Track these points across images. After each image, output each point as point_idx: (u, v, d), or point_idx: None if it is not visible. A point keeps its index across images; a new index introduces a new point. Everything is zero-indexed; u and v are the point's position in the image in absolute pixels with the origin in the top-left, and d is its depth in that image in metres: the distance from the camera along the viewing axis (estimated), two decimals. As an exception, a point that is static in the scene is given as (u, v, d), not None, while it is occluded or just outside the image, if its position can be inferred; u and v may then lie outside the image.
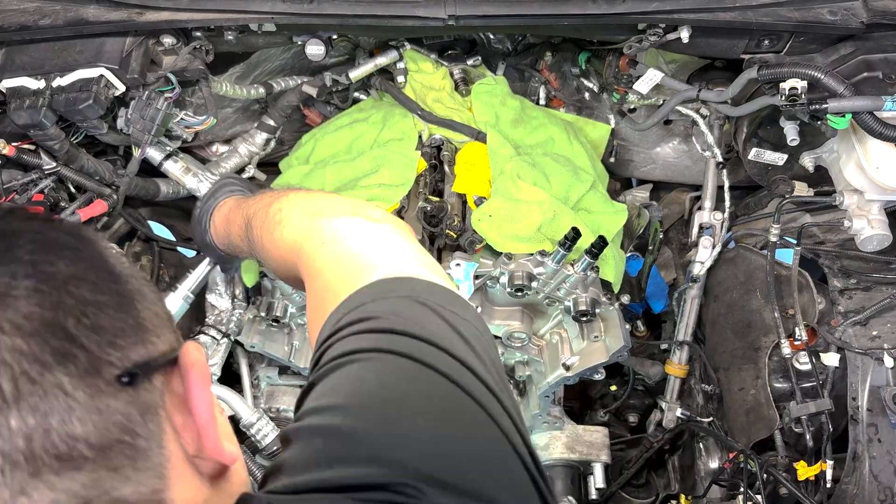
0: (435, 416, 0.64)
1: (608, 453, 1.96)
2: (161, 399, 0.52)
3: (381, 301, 0.76)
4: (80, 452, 0.44)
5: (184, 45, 1.63)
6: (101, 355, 0.47)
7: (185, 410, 0.54)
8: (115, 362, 0.48)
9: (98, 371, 0.47)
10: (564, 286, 1.60)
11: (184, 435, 0.54)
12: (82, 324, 0.47)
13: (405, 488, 0.56)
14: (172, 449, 0.52)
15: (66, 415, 0.44)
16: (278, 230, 1.03)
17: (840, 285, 1.74)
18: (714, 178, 1.99)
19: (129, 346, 0.50)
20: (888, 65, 1.53)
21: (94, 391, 0.46)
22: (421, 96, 1.91)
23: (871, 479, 1.56)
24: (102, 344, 0.48)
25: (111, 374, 0.47)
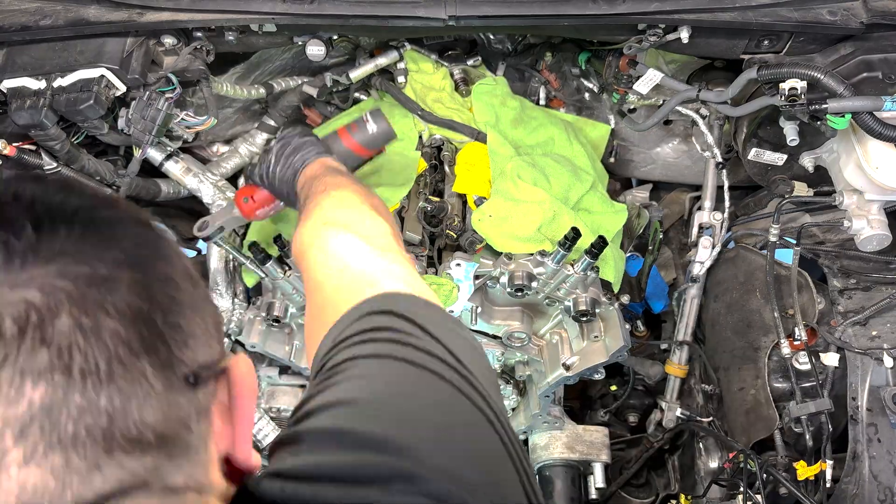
0: (439, 415, 0.67)
1: (608, 453, 1.96)
2: (210, 403, 0.55)
3: (379, 315, 0.78)
4: (148, 439, 0.48)
5: (184, 46, 1.63)
6: (177, 353, 0.50)
7: (226, 418, 0.57)
8: (186, 361, 0.51)
9: (172, 367, 0.50)
10: (564, 286, 1.60)
11: (220, 439, 0.57)
12: (167, 321, 0.50)
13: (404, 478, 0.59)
14: (213, 450, 0.55)
15: (144, 401, 0.47)
16: (303, 224, 1.09)
17: (840, 285, 1.75)
18: (714, 178, 1.99)
19: (197, 348, 0.53)
20: (888, 65, 1.53)
21: (167, 385, 0.49)
22: (421, 96, 1.91)
23: (870, 478, 1.56)
24: (179, 343, 0.51)
25: (182, 371, 0.51)
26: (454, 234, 1.69)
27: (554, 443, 1.94)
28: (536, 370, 1.76)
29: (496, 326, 1.67)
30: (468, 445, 0.65)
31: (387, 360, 0.71)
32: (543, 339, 1.75)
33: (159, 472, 0.49)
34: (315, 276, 0.96)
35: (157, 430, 0.48)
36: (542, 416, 1.84)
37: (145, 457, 0.48)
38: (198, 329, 0.53)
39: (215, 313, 0.58)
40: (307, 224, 1.07)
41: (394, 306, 0.79)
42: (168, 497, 0.50)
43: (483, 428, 0.67)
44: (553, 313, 1.69)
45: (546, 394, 1.77)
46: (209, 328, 0.55)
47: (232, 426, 0.57)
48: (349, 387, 0.69)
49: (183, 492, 0.51)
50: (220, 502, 0.56)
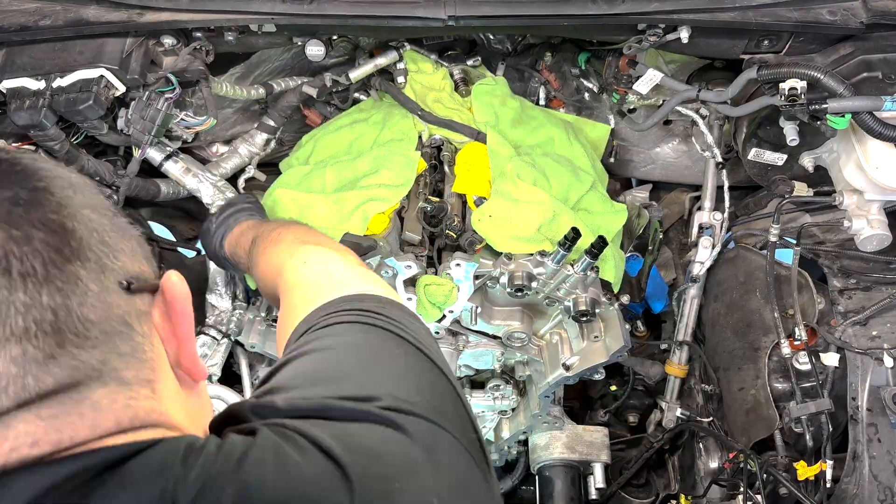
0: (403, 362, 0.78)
1: (608, 453, 1.96)
2: (150, 311, 0.63)
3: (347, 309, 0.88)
4: (94, 334, 0.55)
5: (184, 46, 1.63)
6: (106, 262, 0.58)
7: (169, 328, 0.64)
8: (117, 270, 0.59)
9: (104, 272, 0.57)
10: (564, 286, 1.60)
11: (167, 347, 0.64)
12: (93, 236, 0.57)
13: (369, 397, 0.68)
14: (159, 351, 0.63)
15: (82, 299, 0.54)
16: (271, 249, 1.21)
17: (840, 285, 1.75)
18: (714, 178, 1.99)
19: (127, 262, 0.60)
20: (888, 65, 1.53)
21: (101, 287, 0.56)
22: (421, 97, 1.91)
23: (870, 478, 1.56)
24: (108, 254, 0.58)
25: (114, 278, 0.58)
26: (454, 235, 1.69)
27: (554, 443, 1.93)
28: (536, 370, 1.76)
29: (496, 326, 1.67)
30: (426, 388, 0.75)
31: (354, 325, 0.83)
32: (543, 339, 1.75)
33: (109, 364, 0.56)
34: (291, 280, 1.07)
35: (101, 327, 0.55)
36: (541, 416, 1.84)
37: (95, 350, 0.55)
38: (124, 247, 0.61)
39: (141, 240, 0.65)
40: (280, 245, 1.19)
41: (364, 303, 0.89)
42: (121, 388, 0.57)
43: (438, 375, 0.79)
44: (553, 313, 1.69)
45: (546, 394, 1.77)
46: (136, 249, 0.63)
47: (174, 335, 0.65)
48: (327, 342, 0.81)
49: (134, 384, 0.58)
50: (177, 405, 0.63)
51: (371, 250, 1.58)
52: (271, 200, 1.70)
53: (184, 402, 0.65)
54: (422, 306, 1.60)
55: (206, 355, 1.80)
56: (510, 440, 1.97)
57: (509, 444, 1.99)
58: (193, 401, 0.68)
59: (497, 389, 1.84)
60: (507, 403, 1.87)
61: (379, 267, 1.58)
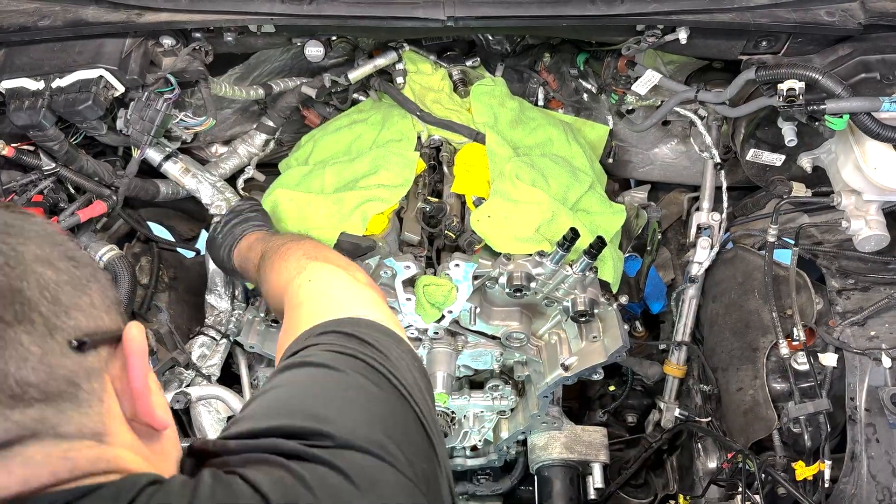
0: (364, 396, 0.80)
1: (607, 453, 1.96)
2: (105, 366, 0.62)
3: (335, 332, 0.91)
4: (31, 395, 0.54)
5: (183, 47, 1.63)
6: (56, 322, 0.57)
7: (126, 379, 0.64)
8: (67, 329, 0.58)
9: (52, 334, 0.56)
10: (563, 287, 1.60)
11: (122, 399, 0.64)
12: (43, 296, 0.57)
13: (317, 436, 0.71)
14: (111, 406, 0.62)
15: (21, 363, 0.54)
16: (280, 263, 1.22)
17: (838, 286, 1.75)
18: (712, 178, 1.99)
19: (82, 318, 0.60)
20: (886, 66, 1.53)
21: (46, 350, 0.56)
22: (420, 97, 1.91)
23: (868, 478, 1.56)
24: (59, 314, 0.57)
25: (63, 338, 0.57)
26: (453, 235, 1.69)
27: (552, 443, 1.94)
28: (535, 370, 1.76)
29: (495, 327, 1.67)
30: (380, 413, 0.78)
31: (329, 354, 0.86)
32: (542, 339, 1.75)
33: (47, 422, 0.55)
34: (294, 298, 1.09)
35: (41, 388, 0.55)
36: (540, 416, 1.84)
37: (30, 409, 0.54)
38: (81, 303, 0.60)
39: (105, 291, 0.64)
40: (288, 261, 1.21)
41: (355, 328, 0.92)
42: (60, 442, 0.56)
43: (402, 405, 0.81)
44: (552, 314, 1.69)
45: (545, 394, 1.77)
46: (96, 301, 0.62)
47: (129, 388, 0.64)
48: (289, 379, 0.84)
49: (75, 438, 0.57)
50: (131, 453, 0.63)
51: (370, 251, 1.58)
52: (270, 201, 1.70)
53: (143, 455, 0.65)
54: (421, 307, 1.61)
55: (206, 355, 1.81)
56: (509, 440, 1.97)
57: (508, 444, 1.99)
58: (155, 448, 0.68)
59: (496, 390, 1.84)
60: (506, 403, 1.87)
61: (378, 267, 1.59)
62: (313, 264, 1.16)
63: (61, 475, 0.56)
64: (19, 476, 0.54)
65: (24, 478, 0.54)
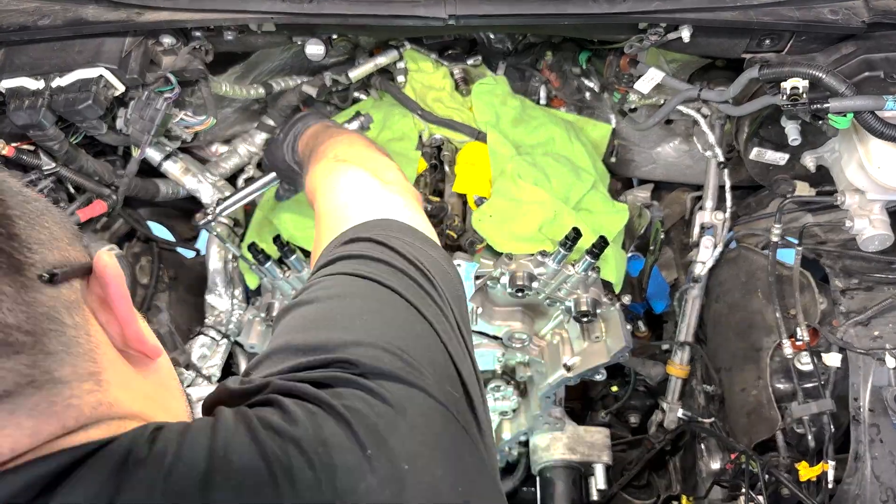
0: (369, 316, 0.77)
1: (609, 454, 1.96)
2: (83, 298, 0.60)
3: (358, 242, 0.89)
4: (17, 338, 0.51)
5: (183, 45, 1.62)
6: (20, 258, 0.54)
7: (108, 309, 0.62)
8: (35, 263, 0.55)
9: (20, 270, 0.53)
10: (565, 286, 1.59)
11: (109, 330, 0.62)
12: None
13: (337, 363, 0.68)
14: (100, 339, 0.60)
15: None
16: (314, 166, 1.20)
17: (842, 285, 1.74)
18: (715, 177, 1.98)
19: (45, 252, 0.57)
20: (890, 64, 1.52)
21: (18, 286, 0.53)
22: (421, 96, 1.90)
23: (872, 479, 1.55)
24: (20, 249, 0.54)
25: (32, 273, 0.54)
26: (454, 235, 1.68)
27: (555, 444, 1.93)
28: (537, 371, 1.76)
29: (497, 327, 1.66)
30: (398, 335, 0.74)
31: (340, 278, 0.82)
32: (544, 339, 1.74)
33: (41, 366, 0.53)
34: (322, 207, 1.07)
35: (24, 329, 0.52)
36: (542, 417, 1.84)
37: (20, 355, 0.52)
38: (40, 236, 0.57)
39: (62, 223, 0.61)
40: (320, 163, 1.17)
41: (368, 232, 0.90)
42: (61, 388, 0.54)
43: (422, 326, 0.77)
44: (554, 314, 1.69)
45: (547, 395, 1.76)
46: (56, 234, 0.59)
47: (115, 316, 0.62)
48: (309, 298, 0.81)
49: (73, 381, 0.55)
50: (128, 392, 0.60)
51: None
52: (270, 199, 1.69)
53: (140, 385, 0.63)
54: (422, 307, 1.60)
55: (206, 356, 1.80)
56: (511, 441, 1.96)
57: (510, 445, 1.99)
58: (153, 379, 0.66)
59: (498, 390, 1.83)
60: (508, 404, 1.86)
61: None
62: (338, 168, 1.12)
63: (69, 424, 0.54)
64: (28, 428, 0.52)
65: (33, 430, 0.52)
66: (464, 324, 0.86)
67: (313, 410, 0.63)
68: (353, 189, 1.07)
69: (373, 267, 0.83)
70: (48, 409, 0.53)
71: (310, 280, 0.86)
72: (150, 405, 0.63)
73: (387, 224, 0.94)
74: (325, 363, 0.69)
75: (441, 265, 0.90)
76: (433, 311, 0.81)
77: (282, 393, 0.65)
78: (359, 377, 0.67)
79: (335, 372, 0.67)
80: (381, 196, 1.04)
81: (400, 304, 0.79)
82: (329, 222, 1.01)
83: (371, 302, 0.79)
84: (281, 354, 0.73)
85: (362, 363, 0.68)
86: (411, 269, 0.84)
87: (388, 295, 0.80)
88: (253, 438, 0.59)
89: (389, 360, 0.69)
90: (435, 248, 0.93)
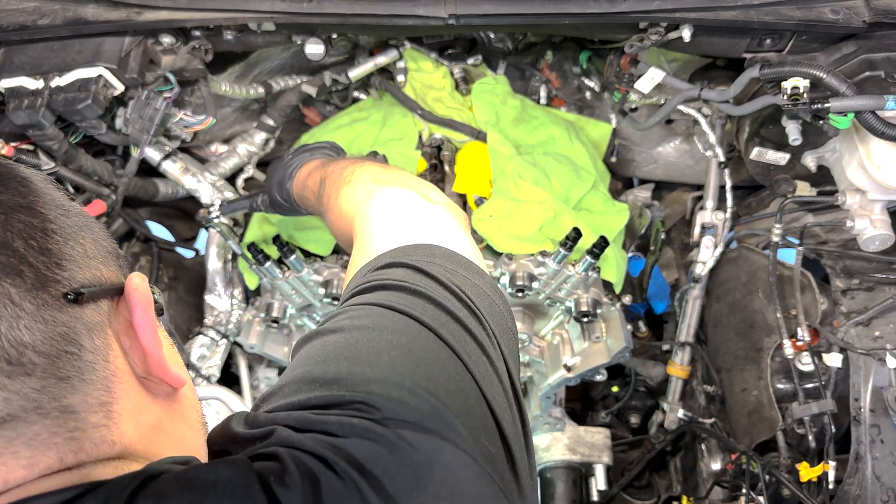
0: (398, 352, 0.69)
1: (610, 455, 1.95)
2: (108, 321, 0.57)
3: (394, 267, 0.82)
4: (30, 359, 0.49)
5: (183, 45, 1.62)
6: (47, 273, 0.52)
7: (133, 335, 0.59)
8: (61, 281, 0.53)
9: (45, 287, 0.52)
10: (566, 286, 1.59)
11: (132, 356, 0.59)
12: (30, 245, 0.52)
13: (354, 405, 0.62)
14: (119, 365, 0.57)
15: (13, 322, 0.49)
16: (345, 189, 1.10)
17: (842, 285, 1.74)
18: (716, 177, 1.98)
19: (76, 269, 0.55)
20: (891, 64, 1.52)
21: (40, 303, 0.51)
22: (421, 95, 1.90)
23: (873, 479, 1.55)
24: (49, 265, 0.53)
25: (58, 290, 0.52)
26: (454, 235, 1.68)
27: (555, 444, 1.93)
28: (537, 371, 1.75)
29: (497, 327, 1.66)
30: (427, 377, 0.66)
31: (369, 308, 0.75)
32: (544, 339, 1.74)
33: (50, 392, 0.50)
34: (364, 226, 0.99)
35: (39, 349, 0.50)
36: (543, 417, 1.84)
37: (30, 377, 0.49)
38: (73, 252, 0.55)
39: (99, 240, 0.60)
40: (353, 190, 1.08)
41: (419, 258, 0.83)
42: (66, 419, 0.51)
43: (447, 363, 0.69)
44: (554, 314, 1.69)
45: (547, 395, 1.76)
46: (90, 251, 0.57)
47: (139, 343, 0.59)
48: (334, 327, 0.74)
49: (81, 412, 0.52)
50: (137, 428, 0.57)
51: None
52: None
53: (155, 416, 0.60)
54: (422, 307, 1.59)
55: (205, 356, 1.80)
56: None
57: (510, 445, 1.99)
58: (172, 409, 0.63)
59: (498, 390, 1.83)
60: (508, 404, 1.86)
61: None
62: (383, 189, 1.03)
63: (66, 459, 0.51)
64: (25, 458, 0.49)
65: (29, 461, 0.49)
66: (513, 363, 0.78)
67: (317, 473, 0.56)
68: (399, 209, 0.99)
69: (408, 299, 0.76)
70: (49, 439, 0.50)
71: (339, 307, 0.79)
72: (161, 439, 0.60)
73: (430, 250, 0.87)
74: (341, 402, 0.62)
75: (488, 296, 0.83)
76: (474, 351, 0.73)
77: (288, 445, 0.59)
78: (377, 424, 0.59)
79: (351, 416, 0.60)
80: (427, 217, 0.97)
81: (433, 342, 0.71)
82: (369, 243, 0.93)
83: (401, 337, 0.71)
84: (295, 385, 0.67)
85: (383, 407, 0.61)
86: (453, 301, 0.77)
87: (421, 331, 0.72)
88: None
89: (416, 404, 0.62)
90: (481, 277, 0.86)
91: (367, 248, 0.92)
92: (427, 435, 0.60)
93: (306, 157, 1.40)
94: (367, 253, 0.90)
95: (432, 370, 0.67)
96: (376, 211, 0.99)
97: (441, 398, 0.63)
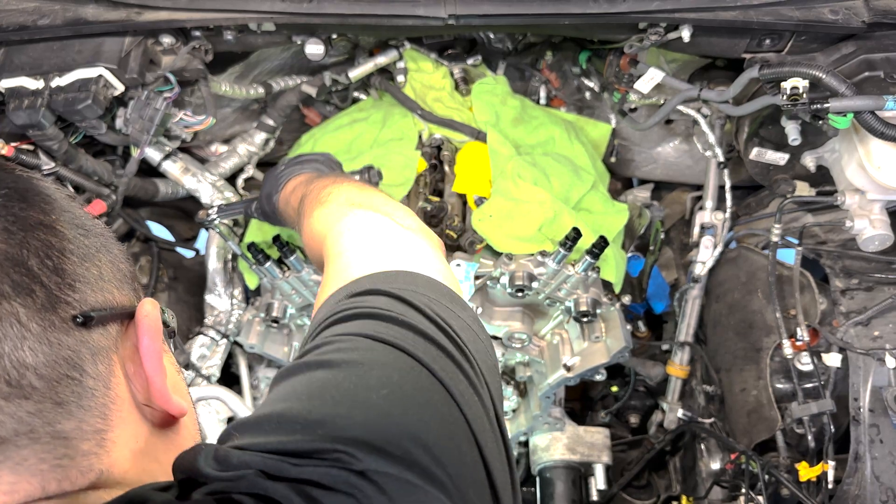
0: (388, 391, 0.64)
1: (609, 454, 1.95)
2: (115, 346, 0.56)
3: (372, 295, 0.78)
4: (29, 381, 0.48)
5: (183, 45, 1.62)
6: (59, 294, 0.51)
7: (139, 361, 0.58)
8: (72, 303, 0.52)
9: (54, 308, 0.51)
10: (565, 286, 1.59)
11: (135, 383, 0.58)
12: (45, 265, 0.51)
13: (335, 454, 0.57)
14: (119, 392, 0.56)
15: (18, 342, 0.48)
16: (319, 210, 1.08)
17: (842, 285, 1.74)
18: (715, 177, 1.98)
19: (88, 291, 0.54)
20: (890, 64, 1.52)
21: (47, 325, 0.50)
22: (421, 96, 1.90)
23: (872, 479, 1.55)
24: (62, 285, 0.52)
25: (67, 313, 0.51)
26: (454, 235, 1.68)
27: (555, 444, 1.93)
28: (537, 371, 1.75)
29: (497, 327, 1.66)
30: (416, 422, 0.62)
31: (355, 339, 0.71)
32: (544, 339, 1.74)
33: (45, 417, 0.49)
34: (332, 250, 0.96)
35: (40, 372, 0.49)
36: (542, 417, 1.84)
37: (27, 402, 0.48)
38: (88, 274, 0.54)
39: (116, 262, 0.59)
40: (327, 207, 1.07)
41: (388, 285, 0.79)
42: (57, 445, 0.50)
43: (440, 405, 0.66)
44: (554, 314, 1.69)
45: (547, 395, 1.76)
46: (105, 274, 0.57)
47: (143, 370, 0.58)
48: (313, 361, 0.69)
49: (74, 438, 0.51)
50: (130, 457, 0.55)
51: None
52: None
53: (151, 445, 0.58)
54: (422, 307, 1.60)
55: (205, 356, 1.80)
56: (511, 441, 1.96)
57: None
58: (169, 439, 0.61)
59: (497, 390, 1.83)
60: (508, 405, 1.86)
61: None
62: (353, 212, 1.01)
63: (49, 488, 0.50)
64: (6, 485, 0.48)
65: (12, 487, 0.48)
66: (499, 402, 0.74)
67: None
68: (372, 233, 0.96)
69: (397, 331, 0.71)
70: (35, 465, 0.49)
71: (321, 334, 0.74)
72: (153, 468, 0.58)
73: (410, 278, 0.82)
74: (321, 450, 0.57)
75: (472, 330, 0.79)
76: (466, 390, 0.69)
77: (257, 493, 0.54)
78: (357, 476, 0.55)
79: (329, 467, 0.56)
80: (402, 242, 0.94)
81: (426, 379, 0.67)
82: (342, 265, 0.89)
83: (392, 373, 0.66)
84: (275, 423, 0.62)
85: (365, 458, 0.56)
86: (440, 336, 0.72)
87: (413, 367, 0.68)
88: None
89: (401, 453, 0.58)
90: (464, 309, 0.82)
91: (340, 271, 0.89)
92: (410, 488, 0.56)
93: (296, 170, 1.39)
94: (340, 275, 0.87)
95: (424, 413, 0.63)
96: (348, 232, 0.97)
97: (430, 446, 0.60)
